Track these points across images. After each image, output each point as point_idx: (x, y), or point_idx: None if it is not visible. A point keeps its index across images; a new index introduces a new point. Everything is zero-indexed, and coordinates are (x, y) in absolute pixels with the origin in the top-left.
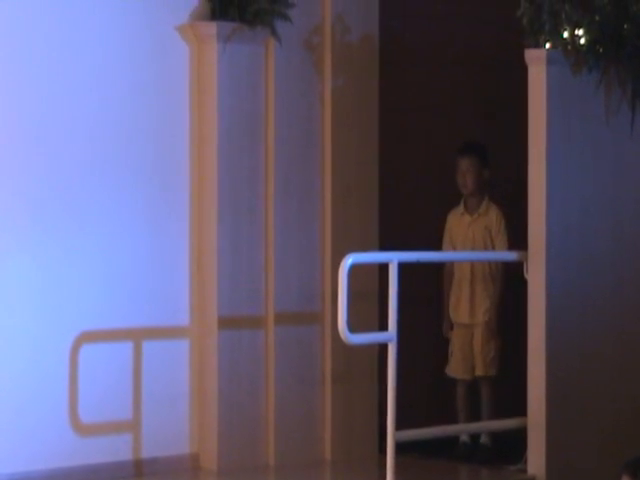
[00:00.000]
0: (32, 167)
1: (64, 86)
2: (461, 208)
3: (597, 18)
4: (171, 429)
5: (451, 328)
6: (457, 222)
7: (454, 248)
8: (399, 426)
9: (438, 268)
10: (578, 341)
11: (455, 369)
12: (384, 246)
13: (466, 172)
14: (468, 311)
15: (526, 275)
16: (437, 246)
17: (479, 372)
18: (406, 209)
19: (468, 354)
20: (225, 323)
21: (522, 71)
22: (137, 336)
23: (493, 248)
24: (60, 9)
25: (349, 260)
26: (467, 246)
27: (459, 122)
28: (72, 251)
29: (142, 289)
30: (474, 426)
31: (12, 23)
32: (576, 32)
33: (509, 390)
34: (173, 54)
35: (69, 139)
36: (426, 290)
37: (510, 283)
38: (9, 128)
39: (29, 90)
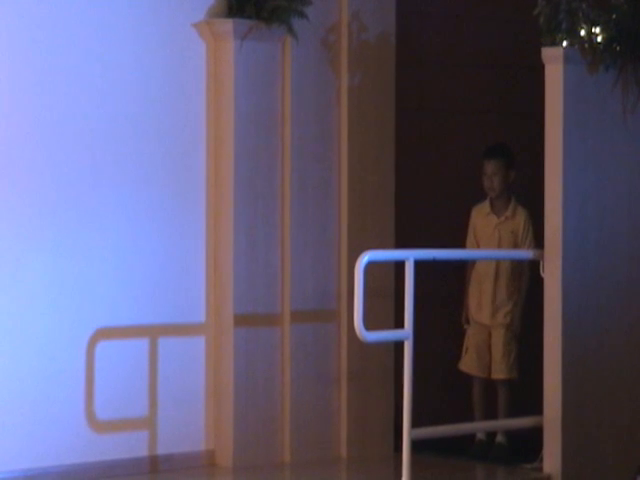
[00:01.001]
0: (48, 166)
1: (79, 84)
2: (487, 208)
3: (614, 16)
4: (187, 426)
5: (467, 322)
6: (483, 221)
7: (477, 246)
8: (414, 424)
9: (455, 266)
10: (594, 340)
11: (469, 366)
12: (400, 244)
13: (492, 175)
14: (490, 312)
15: (542, 274)
16: (452, 244)
17: (500, 375)
18: (422, 207)
19: (484, 353)
20: (241, 321)
21: (539, 70)
22: (153, 333)
23: None
24: (76, 8)
25: (365, 258)
26: (492, 247)
27: (476, 120)
28: (88, 249)
29: (158, 286)
30: (490, 424)
31: (29, 20)
32: (593, 30)
33: (525, 389)
34: (190, 51)
35: (85, 137)
36: (442, 288)
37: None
38: (27, 128)
39: (45, 89)
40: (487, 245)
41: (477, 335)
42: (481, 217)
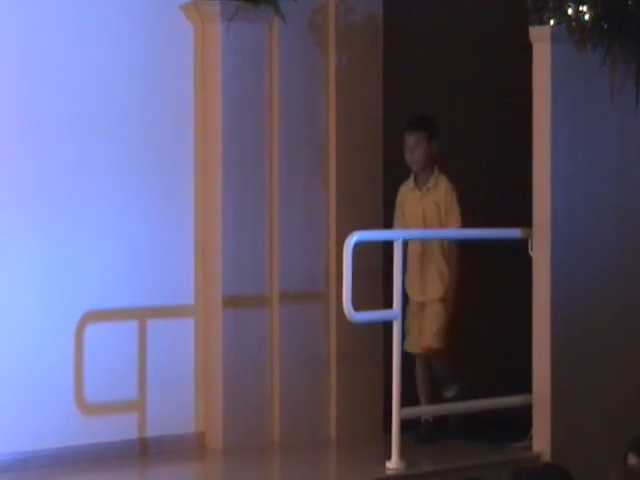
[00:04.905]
0: (42, 149)
1: (64, 69)
2: (411, 183)
3: None
4: (176, 408)
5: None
6: (409, 197)
7: (406, 224)
8: (403, 404)
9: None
10: (583, 318)
11: (412, 345)
12: (389, 224)
13: (414, 148)
14: (418, 288)
15: (531, 252)
16: None
17: (424, 343)
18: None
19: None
20: (230, 303)
21: (527, 50)
22: (142, 316)
23: (444, 225)
24: None
25: (353, 238)
26: (418, 223)
27: (464, 101)
28: (76, 232)
29: (147, 269)
30: (477, 404)
31: (10, 11)
32: (580, 9)
33: (515, 367)
34: (177, 33)
35: (71, 122)
36: None
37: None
38: (12, 117)
39: (28, 74)
40: (413, 221)
41: (414, 313)
42: (407, 193)
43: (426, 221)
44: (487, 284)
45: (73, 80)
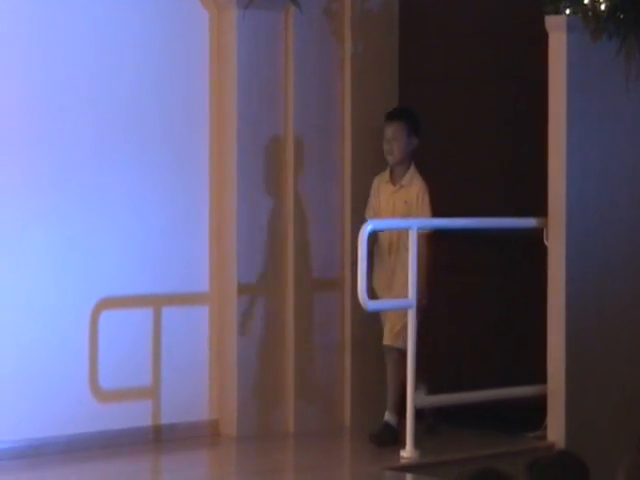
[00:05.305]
0: (58, 138)
1: (81, 56)
2: (387, 176)
3: None
4: (190, 395)
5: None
6: (382, 190)
7: (379, 216)
8: None
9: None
10: (597, 308)
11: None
12: None
13: (392, 139)
14: (385, 285)
15: (546, 242)
16: (454, 212)
17: (386, 342)
18: (424, 175)
19: None
20: (244, 290)
21: (543, 39)
22: (157, 303)
23: None
24: None
25: (369, 226)
26: (388, 217)
27: (479, 89)
28: (92, 219)
29: (162, 256)
30: (490, 393)
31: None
32: None
33: (529, 357)
34: (193, 21)
35: (88, 108)
36: (449, 257)
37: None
38: (30, 101)
39: (46, 60)
40: (385, 215)
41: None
42: (382, 184)
43: (395, 218)
44: (497, 274)
45: (89, 69)
